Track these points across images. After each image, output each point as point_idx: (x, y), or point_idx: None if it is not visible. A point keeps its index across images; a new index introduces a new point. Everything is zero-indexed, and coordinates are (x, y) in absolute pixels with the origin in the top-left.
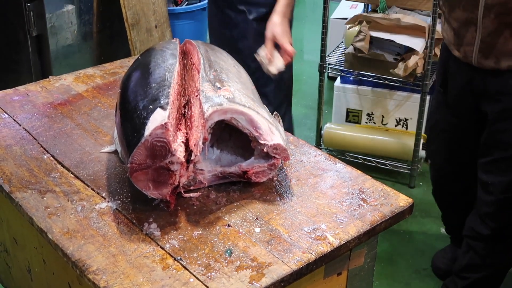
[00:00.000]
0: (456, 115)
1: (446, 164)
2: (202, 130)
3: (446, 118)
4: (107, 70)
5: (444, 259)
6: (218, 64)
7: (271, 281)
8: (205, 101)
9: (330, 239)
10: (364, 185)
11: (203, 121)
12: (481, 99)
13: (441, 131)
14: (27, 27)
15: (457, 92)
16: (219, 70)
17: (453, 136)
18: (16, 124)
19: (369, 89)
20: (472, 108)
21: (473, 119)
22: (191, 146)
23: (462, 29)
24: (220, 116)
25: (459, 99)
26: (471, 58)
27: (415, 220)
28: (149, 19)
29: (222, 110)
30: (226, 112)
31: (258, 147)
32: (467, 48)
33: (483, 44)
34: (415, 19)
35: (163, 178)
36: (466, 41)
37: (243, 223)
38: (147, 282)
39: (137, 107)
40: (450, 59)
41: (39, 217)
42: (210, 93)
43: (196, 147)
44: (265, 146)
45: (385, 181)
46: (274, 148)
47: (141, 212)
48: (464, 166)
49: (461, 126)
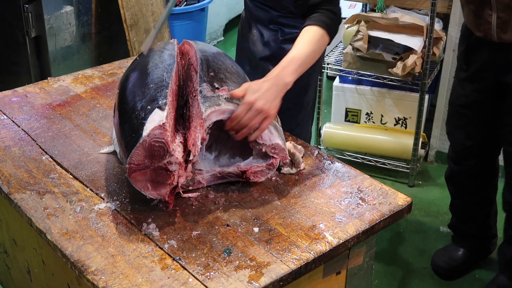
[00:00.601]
0: (477, 90)
1: (466, 138)
2: (200, 130)
3: (467, 92)
4: (105, 71)
5: (444, 257)
6: (216, 64)
7: (270, 280)
8: (203, 102)
9: (329, 238)
10: (362, 184)
11: (201, 121)
12: (503, 72)
13: (461, 105)
14: (25, 29)
15: (479, 68)
16: (217, 71)
17: (474, 110)
18: (15, 125)
19: (368, 89)
20: (493, 83)
21: (493, 94)
22: (189, 146)
23: (479, 9)
24: (218, 116)
25: (480, 75)
26: (490, 35)
27: (414, 219)
28: (148, 20)
29: (220, 111)
30: (224, 112)
31: (256, 147)
32: (486, 26)
33: (500, 20)
34: (413, 18)
35: (161, 178)
36: (484, 20)
37: (242, 222)
38: (146, 282)
39: (135, 108)
40: (471, 38)
41: (38, 218)
42: (208, 93)
43: (194, 147)
44: (263, 146)
45: (384, 181)
46: (272, 147)
47: (140, 213)
48: (484, 141)
49: (482, 100)
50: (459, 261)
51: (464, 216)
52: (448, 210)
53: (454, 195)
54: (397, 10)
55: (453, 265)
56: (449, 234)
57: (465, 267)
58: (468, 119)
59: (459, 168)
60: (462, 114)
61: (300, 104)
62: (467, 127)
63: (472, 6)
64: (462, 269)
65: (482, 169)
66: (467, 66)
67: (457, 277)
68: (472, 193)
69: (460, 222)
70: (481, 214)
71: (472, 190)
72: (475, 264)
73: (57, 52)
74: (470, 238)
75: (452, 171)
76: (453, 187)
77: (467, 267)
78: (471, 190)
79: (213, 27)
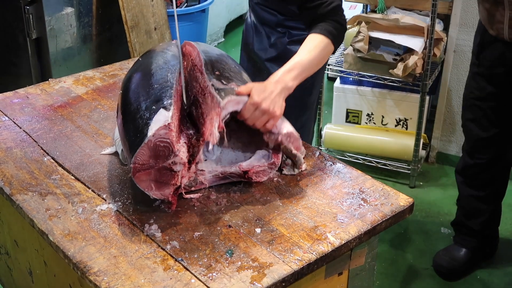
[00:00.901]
0: (490, 83)
1: (481, 131)
2: (218, 119)
3: (481, 86)
4: (106, 72)
5: (445, 257)
6: (220, 64)
7: (272, 281)
8: (218, 93)
9: (331, 239)
10: (364, 185)
11: (219, 110)
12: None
13: (476, 98)
14: (26, 30)
15: (492, 64)
16: (221, 70)
17: (489, 103)
18: (16, 127)
19: (369, 90)
20: (505, 78)
21: (507, 88)
22: (206, 137)
23: (493, 8)
24: (234, 106)
25: (493, 70)
26: (502, 34)
27: (416, 220)
28: (149, 21)
29: (236, 100)
30: (239, 102)
31: (271, 137)
32: (498, 25)
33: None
34: (414, 19)
35: (165, 178)
36: (496, 19)
37: (244, 223)
38: (149, 283)
39: (139, 108)
40: (485, 35)
41: (40, 219)
42: (220, 86)
43: (212, 137)
44: (278, 135)
45: (385, 182)
46: (288, 136)
47: (142, 214)
48: (499, 134)
49: (496, 93)
50: (461, 261)
51: (471, 210)
52: (449, 211)
53: (464, 189)
54: (397, 11)
55: (455, 265)
56: (450, 235)
57: (466, 268)
58: (482, 112)
59: (473, 161)
60: (477, 107)
61: (304, 105)
62: (482, 120)
63: (486, 5)
64: (464, 270)
65: (495, 162)
66: (479, 61)
67: (459, 277)
68: (484, 186)
69: (466, 218)
70: (488, 209)
71: (484, 183)
72: (476, 265)
73: (58, 53)
74: (473, 236)
75: (466, 164)
76: (464, 180)
77: (468, 268)
78: (483, 183)
79: (214, 29)
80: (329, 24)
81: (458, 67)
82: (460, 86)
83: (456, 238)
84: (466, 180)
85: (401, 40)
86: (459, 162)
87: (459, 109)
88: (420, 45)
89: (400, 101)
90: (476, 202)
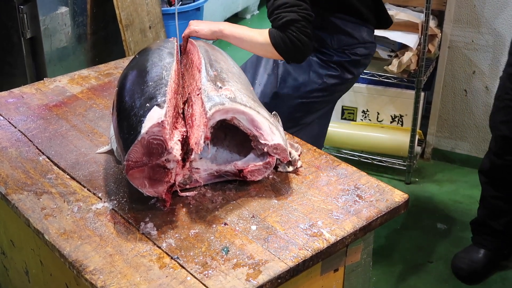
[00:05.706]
0: None
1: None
2: (204, 129)
3: None
4: (101, 71)
5: (465, 260)
6: (218, 63)
7: (268, 278)
8: (207, 101)
9: (326, 235)
10: (359, 182)
11: (206, 120)
12: None
13: (510, 99)
14: (20, 30)
15: None
16: (219, 70)
17: None
18: (11, 126)
19: (364, 86)
20: None
21: None
22: (191, 144)
23: None
24: (222, 115)
25: None
26: None
27: (412, 216)
28: (143, 20)
29: (224, 110)
30: (228, 111)
31: (258, 147)
32: None
33: None
34: (408, 15)
35: (159, 176)
36: None
37: (239, 221)
38: (144, 281)
39: (134, 105)
40: None
41: (36, 219)
42: (212, 92)
43: (197, 146)
44: (265, 146)
45: (381, 178)
46: (274, 148)
47: (138, 212)
48: None
49: None
50: (481, 263)
51: (496, 211)
52: (445, 207)
53: (488, 189)
54: (392, 7)
55: (475, 267)
56: (446, 231)
57: (487, 270)
58: None
59: (501, 161)
60: (509, 108)
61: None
62: None
63: None
64: (485, 272)
65: None
66: None
67: (479, 280)
68: (510, 187)
69: (489, 218)
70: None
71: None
72: (497, 266)
73: (52, 53)
74: (495, 237)
75: (493, 164)
76: (489, 181)
77: (489, 269)
78: (510, 184)
79: None
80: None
81: (453, 63)
82: (454, 82)
83: (477, 238)
84: (491, 181)
85: (396, 37)
86: (484, 163)
87: (454, 105)
88: (415, 41)
89: (395, 98)
90: (501, 202)
